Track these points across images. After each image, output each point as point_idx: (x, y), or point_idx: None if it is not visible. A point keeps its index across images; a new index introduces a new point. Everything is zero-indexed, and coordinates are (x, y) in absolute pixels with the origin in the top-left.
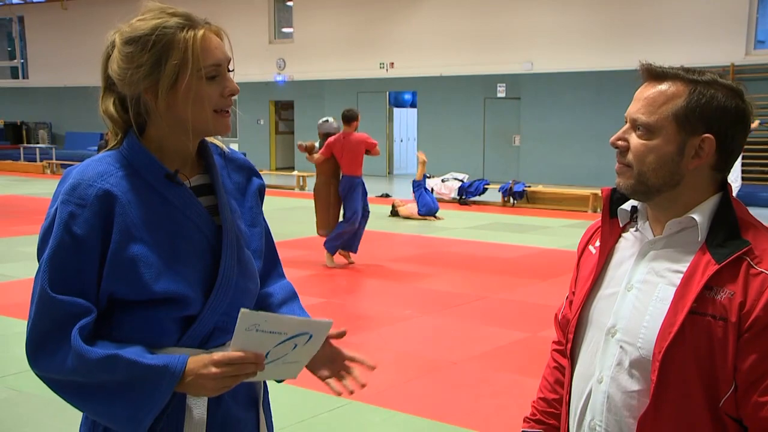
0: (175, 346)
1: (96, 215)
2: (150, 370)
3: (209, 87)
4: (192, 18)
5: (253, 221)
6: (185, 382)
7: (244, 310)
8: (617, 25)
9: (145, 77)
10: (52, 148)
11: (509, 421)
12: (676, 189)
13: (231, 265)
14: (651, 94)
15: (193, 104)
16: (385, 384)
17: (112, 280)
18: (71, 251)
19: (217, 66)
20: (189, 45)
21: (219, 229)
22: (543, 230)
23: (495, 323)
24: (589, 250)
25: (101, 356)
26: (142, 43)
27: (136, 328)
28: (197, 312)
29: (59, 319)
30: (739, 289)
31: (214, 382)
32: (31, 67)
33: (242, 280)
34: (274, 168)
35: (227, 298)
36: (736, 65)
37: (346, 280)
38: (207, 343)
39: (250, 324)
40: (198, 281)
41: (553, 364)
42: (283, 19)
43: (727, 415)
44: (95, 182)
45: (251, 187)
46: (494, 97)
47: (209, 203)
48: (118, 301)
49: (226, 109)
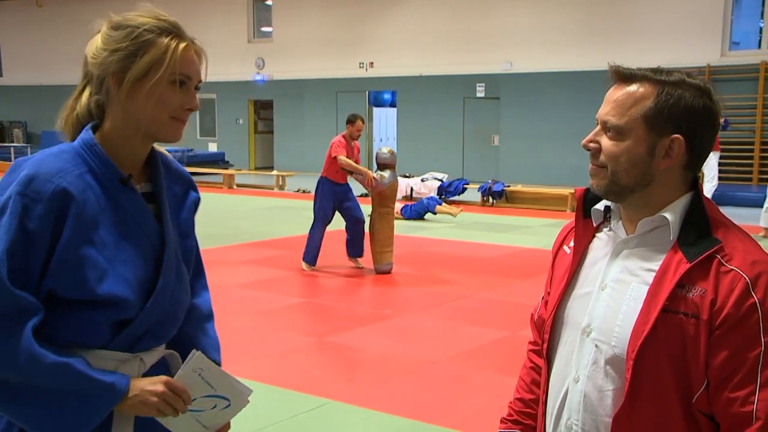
0: (104, 349)
1: (50, 212)
2: (97, 385)
3: (174, 93)
4: (181, 30)
5: (186, 233)
6: (127, 401)
7: (199, 353)
8: (596, 25)
9: (117, 62)
10: (27, 147)
11: (489, 420)
12: (648, 189)
13: (170, 275)
14: (620, 96)
15: (153, 104)
16: (365, 383)
17: (56, 278)
18: (21, 245)
19: (188, 78)
20: (170, 49)
21: (162, 237)
22: (522, 230)
23: (475, 322)
24: (563, 250)
25: (55, 362)
26: (127, 31)
27: (69, 326)
28: (132, 317)
29: (8, 313)
30: (710, 286)
31: (157, 399)
32: (6, 65)
33: (178, 291)
34: (253, 167)
35: (163, 307)
36: (711, 66)
37: (325, 280)
38: (135, 347)
39: (198, 367)
40: (139, 287)
41: (529, 365)
42: (263, 18)
43: (700, 411)
44: (53, 178)
45: (188, 199)
46: (473, 96)
47: (153, 211)
48: (55, 299)
49: (182, 119)
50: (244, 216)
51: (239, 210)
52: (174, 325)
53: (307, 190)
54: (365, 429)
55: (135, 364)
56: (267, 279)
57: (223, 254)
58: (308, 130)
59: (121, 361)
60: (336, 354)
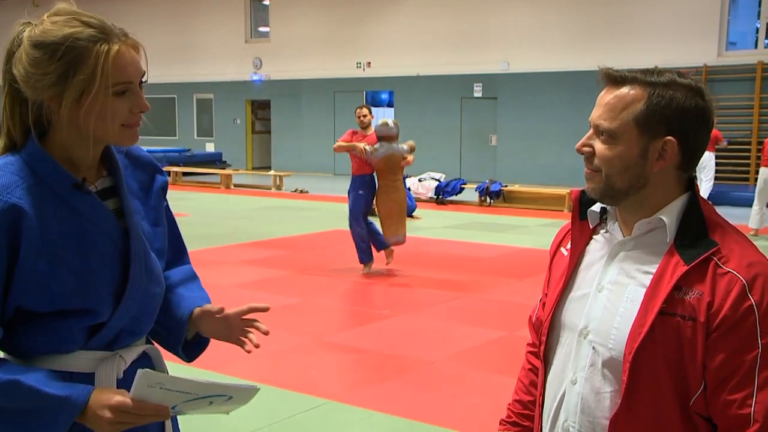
0: (82, 350)
1: (2, 231)
2: (51, 400)
3: (117, 103)
4: (108, 30)
5: (156, 220)
6: (86, 416)
7: (143, 371)
8: (593, 25)
9: (50, 86)
10: None
11: (486, 420)
12: (642, 191)
13: (139, 273)
14: (611, 99)
15: (96, 119)
16: (363, 383)
17: (20, 295)
18: None
19: (128, 83)
20: (100, 61)
21: (126, 233)
22: (520, 229)
23: (472, 322)
24: (560, 252)
25: (1, 382)
26: (51, 51)
27: (43, 336)
28: (106, 320)
29: None
30: (707, 289)
31: (108, 426)
32: None
33: (150, 286)
34: (250, 167)
35: (136, 305)
36: (708, 66)
37: (322, 279)
38: (113, 345)
39: (153, 382)
40: (108, 291)
41: (527, 366)
42: (260, 18)
43: (698, 413)
44: (2, 196)
45: (155, 185)
46: (471, 96)
47: (114, 206)
48: (25, 312)
49: (135, 124)
50: (242, 216)
51: (237, 210)
52: (150, 320)
53: (305, 190)
54: (363, 429)
55: (114, 361)
56: (264, 279)
57: (221, 254)
58: (306, 130)
59: (100, 360)
60: (334, 354)
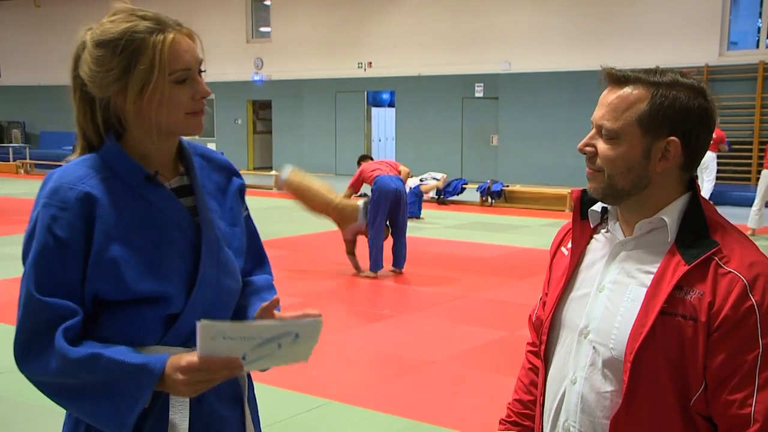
0: (159, 345)
1: (77, 217)
2: (129, 369)
3: (179, 91)
4: (162, 21)
5: (234, 221)
6: (165, 382)
7: (202, 322)
8: (594, 25)
9: (115, 81)
10: (26, 148)
11: (487, 420)
12: (645, 191)
13: (211, 264)
14: (614, 99)
15: (161, 108)
16: (364, 384)
17: (96, 281)
18: (55, 253)
19: (187, 70)
20: (158, 50)
21: (200, 229)
22: (521, 229)
23: (473, 322)
24: (561, 251)
25: (82, 355)
26: (112, 47)
27: (120, 327)
28: (179, 310)
29: (45, 322)
30: (708, 288)
31: (184, 387)
32: (4, 65)
33: (223, 278)
34: (251, 168)
35: (208, 296)
36: (710, 66)
37: (324, 280)
38: (189, 341)
39: (214, 333)
40: (180, 280)
41: (527, 366)
42: (261, 18)
43: (698, 413)
44: (75, 185)
45: (231, 187)
46: (472, 96)
47: (190, 204)
48: (102, 302)
49: (199, 111)
50: None
51: None
52: (225, 314)
53: None
54: (364, 429)
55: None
56: None
57: None
58: (307, 130)
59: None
60: (335, 354)
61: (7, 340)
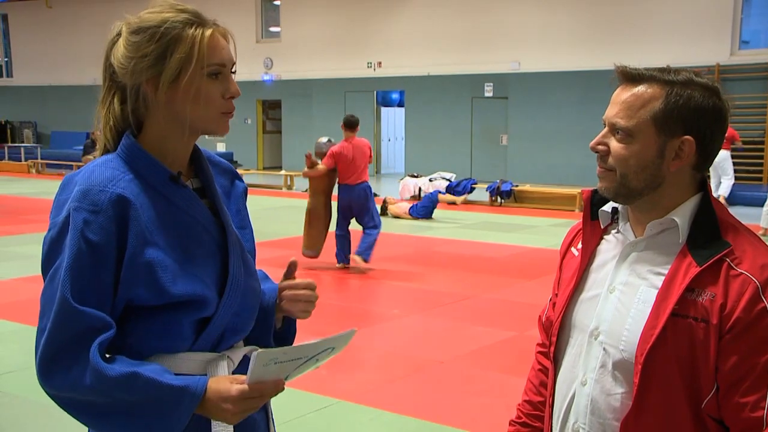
0: (189, 351)
1: (111, 221)
2: (170, 391)
3: (211, 85)
4: (201, 16)
5: (242, 223)
6: (205, 407)
7: (258, 353)
8: (604, 25)
9: (148, 68)
10: (37, 148)
11: (496, 420)
12: (657, 191)
13: (238, 264)
14: (628, 97)
15: (192, 101)
16: (372, 383)
17: (131, 287)
18: (89, 259)
19: (221, 66)
20: (196, 41)
21: (222, 228)
22: (530, 229)
23: (482, 322)
24: (571, 252)
25: (120, 374)
26: (149, 33)
27: (152, 333)
28: (212, 313)
29: (79, 332)
30: (720, 290)
31: (234, 417)
32: (16, 65)
33: (248, 280)
34: (261, 167)
35: (238, 297)
36: (721, 65)
37: (333, 279)
38: (218, 346)
39: (267, 360)
40: (212, 281)
41: (537, 367)
42: (271, 18)
43: (709, 416)
44: (107, 187)
45: (236, 190)
46: (481, 96)
47: (207, 206)
48: (135, 308)
49: (230, 111)
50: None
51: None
52: (251, 316)
53: None
54: (373, 428)
55: (224, 363)
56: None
57: None
58: (316, 130)
59: (208, 362)
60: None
61: (18, 340)
